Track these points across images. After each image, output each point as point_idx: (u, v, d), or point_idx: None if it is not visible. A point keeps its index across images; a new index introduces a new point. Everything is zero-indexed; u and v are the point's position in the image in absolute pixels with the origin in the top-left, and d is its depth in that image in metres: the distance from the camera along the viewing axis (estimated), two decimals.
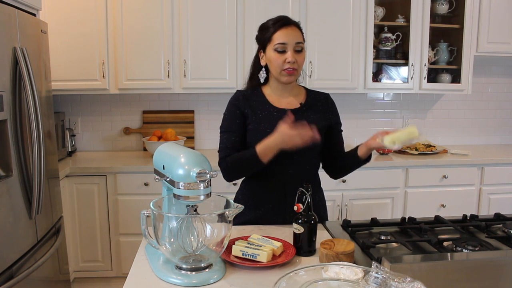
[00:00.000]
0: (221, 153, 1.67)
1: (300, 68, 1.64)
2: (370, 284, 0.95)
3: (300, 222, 1.37)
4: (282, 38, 1.59)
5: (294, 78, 1.65)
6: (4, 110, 1.82)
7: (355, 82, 3.26)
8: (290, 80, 1.64)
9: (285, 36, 1.59)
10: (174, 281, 1.20)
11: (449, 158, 3.23)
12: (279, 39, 1.60)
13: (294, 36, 1.60)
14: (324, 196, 1.83)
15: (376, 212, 3.10)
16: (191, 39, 3.09)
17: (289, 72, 1.61)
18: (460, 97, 3.79)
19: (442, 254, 1.25)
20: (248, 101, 1.69)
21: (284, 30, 1.60)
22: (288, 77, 1.62)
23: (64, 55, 3.00)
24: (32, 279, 2.01)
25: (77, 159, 3.20)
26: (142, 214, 1.28)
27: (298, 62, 1.61)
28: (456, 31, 3.35)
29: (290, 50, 1.59)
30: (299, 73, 1.67)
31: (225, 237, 1.25)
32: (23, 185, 1.97)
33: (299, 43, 1.61)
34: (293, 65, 1.60)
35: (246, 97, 1.71)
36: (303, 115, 1.67)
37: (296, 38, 1.60)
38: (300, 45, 1.61)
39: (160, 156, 1.36)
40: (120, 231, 2.96)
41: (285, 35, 1.60)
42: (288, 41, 1.59)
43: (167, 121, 3.50)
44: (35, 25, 2.18)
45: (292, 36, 1.60)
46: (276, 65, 1.61)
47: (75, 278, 3.01)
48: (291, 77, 1.63)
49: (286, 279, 1.01)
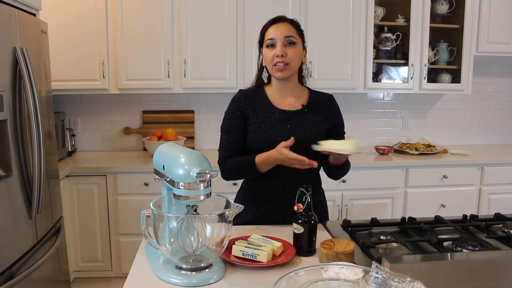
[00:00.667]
0: (220, 153, 1.71)
1: (292, 62, 1.62)
2: (370, 284, 0.95)
3: (300, 222, 1.37)
4: (272, 33, 1.63)
5: (286, 74, 1.63)
6: (4, 110, 1.82)
7: (355, 82, 3.26)
8: (282, 76, 1.63)
9: (274, 31, 1.62)
10: (174, 281, 1.20)
11: (449, 158, 3.23)
12: (269, 35, 1.63)
13: (283, 30, 1.62)
14: (325, 196, 1.82)
15: (376, 212, 3.10)
16: (191, 39, 3.09)
17: (279, 68, 1.61)
18: (460, 97, 3.79)
19: (442, 254, 1.25)
20: (250, 101, 1.69)
21: (274, 26, 1.64)
22: (279, 73, 1.62)
23: (64, 55, 3.00)
24: (32, 279, 2.01)
25: (77, 159, 3.20)
26: (142, 214, 1.28)
27: (289, 56, 1.60)
28: (456, 31, 3.35)
29: (279, 44, 1.60)
30: (292, 69, 1.64)
31: (225, 237, 1.25)
32: (23, 185, 1.97)
33: (289, 36, 1.61)
34: (282, 58, 1.59)
35: (248, 97, 1.71)
36: (304, 117, 1.66)
37: (285, 32, 1.61)
38: (290, 39, 1.61)
39: (160, 156, 1.36)
40: (120, 231, 2.96)
41: (274, 31, 1.63)
42: (277, 36, 1.61)
43: (167, 121, 3.50)
44: (35, 25, 2.18)
45: (281, 31, 1.61)
46: (268, 60, 1.64)
47: (75, 278, 3.01)
48: (283, 72, 1.62)
49: (286, 279, 1.01)
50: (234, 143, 1.68)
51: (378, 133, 3.75)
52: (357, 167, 3.02)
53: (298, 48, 1.64)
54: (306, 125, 1.65)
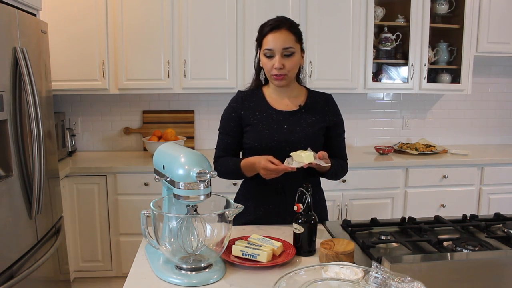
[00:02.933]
0: (215, 152, 1.75)
1: (290, 72, 1.62)
2: (370, 284, 0.95)
3: (300, 222, 1.37)
4: (269, 44, 1.59)
5: (285, 83, 1.64)
6: (4, 110, 1.82)
7: (355, 82, 3.26)
8: (280, 84, 1.64)
9: (272, 41, 1.58)
10: (174, 281, 1.20)
11: (449, 158, 3.23)
12: (267, 44, 1.60)
13: (281, 41, 1.58)
14: (324, 196, 1.83)
15: (376, 212, 3.10)
16: (191, 39, 3.09)
17: (277, 78, 1.61)
18: (460, 97, 3.79)
19: (442, 254, 1.25)
20: (247, 103, 1.70)
21: (272, 35, 1.59)
22: (278, 82, 1.63)
23: (64, 55, 3.00)
24: (32, 279, 2.01)
25: (77, 159, 3.20)
26: (142, 214, 1.28)
27: (286, 67, 1.59)
28: (456, 31, 3.35)
29: (277, 55, 1.58)
30: (290, 77, 1.64)
31: (225, 237, 1.25)
32: (23, 185, 1.97)
33: (288, 48, 1.58)
34: (280, 71, 1.59)
35: (246, 98, 1.72)
36: (301, 117, 1.66)
37: (284, 43, 1.58)
38: (289, 50, 1.58)
39: (160, 156, 1.36)
40: (120, 231, 2.96)
41: (272, 41, 1.58)
42: (275, 47, 1.58)
43: (167, 121, 3.50)
44: (35, 25, 2.18)
45: (280, 42, 1.57)
46: (266, 70, 1.65)
47: (75, 278, 3.01)
48: (281, 81, 1.63)
49: (286, 279, 1.01)
50: (227, 143, 1.71)
51: (378, 133, 3.75)
52: (357, 167, 3.02)
53: (296, 57, 1.62)
54: (303, 125, 1.65)
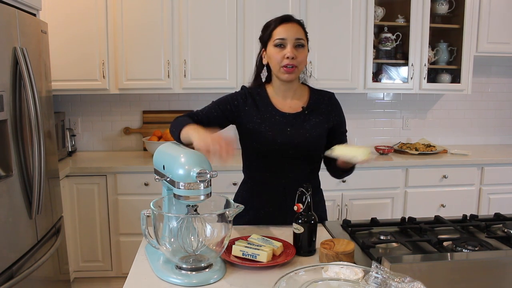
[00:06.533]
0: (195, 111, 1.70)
1: (300, 65, 1.60)
2: (370, 284, 0.95)
3: (300, 222, 1.37)
4: (282, 33, 1.57)
5: (294, 76, 1.61)
6: (4, 110, 1.82)
7: (355, 82, 3.26)
8: (289, 78, 1.60)
9: (284, 31, 1.57)
10: (174, 281, 1.20)
11: (449, 158, 3.23)
12: (278, 34, 1.58)
13: (294, 31, 1.58)
14: (323, 196, 1.82)
15: (376, 212, 3.10)
16: (191, 39, 3.09)
17: (287, 70, 1.57)
18: (460, 97, 3.79)
19: (442, 254, 1.25)
20: (252, 100, 1.67)
21: (284, 26, 1.58)
22: (287, 75, 1.58)
23: (64, 55, 3.00)
24: (32, 279, 2.01)
25: (77, 159, 3.20)
26: (142, 214, 1.28)
27: (298, 59, 1.57)
28: (456, 31, 3.35)
29: (289, 45, 1.56)
30: (299, 71, 1.62)
31: (225, 237, 1.25)
32: (23, 185, 1.97)
33: (300, 38, 1.58)
34: (292, 61, 1.56)
35: (251, 95, 1.69)
36: (305, 119, 1.65)
37: (296, 33, 1.58)
38: (301, 41, 1.58)
39: (160, 156, 1.36)
40: (120, 231, 2.96)
41: (284, 30, 1.58)
42: (288, 36, 1.57)
43: (167, 121, 3.48)
44: (35, 25, 2.18)
45: (292, 31, 1.57)
46: (276, 61, 1.59)
47: (75, 278, 3.01)
48: (291, 75, 1.59)
49: (286, 279, 1.01)
50: (203, 114, 1.67)
51: (378, 133, 3.75)
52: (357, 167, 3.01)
53: (306, 51, 1.62)
54: (306, 128, 1.64)
